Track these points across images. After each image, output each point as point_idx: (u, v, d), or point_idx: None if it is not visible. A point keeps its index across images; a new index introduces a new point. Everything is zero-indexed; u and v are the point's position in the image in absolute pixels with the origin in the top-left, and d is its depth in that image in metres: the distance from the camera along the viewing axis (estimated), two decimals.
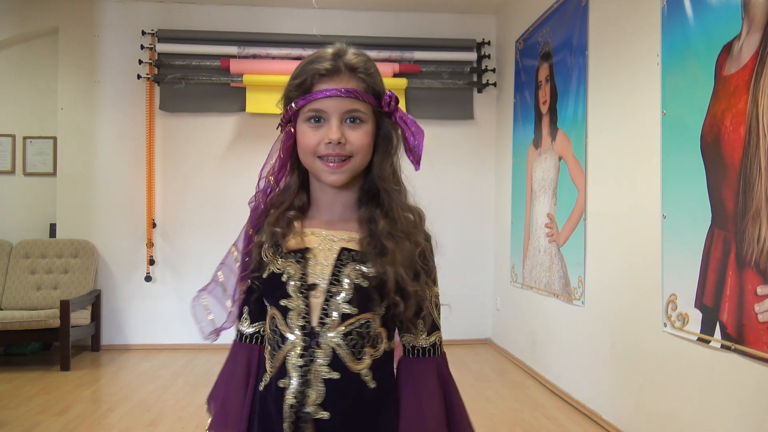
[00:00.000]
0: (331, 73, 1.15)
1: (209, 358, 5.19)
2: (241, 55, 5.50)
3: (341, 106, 1.14)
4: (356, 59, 1.17)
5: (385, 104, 1.18)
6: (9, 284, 5.19)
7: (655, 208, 3.00)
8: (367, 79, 1.16)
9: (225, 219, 5.61)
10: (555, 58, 4.37)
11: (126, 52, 5.57)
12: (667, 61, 2.95)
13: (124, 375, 4.69)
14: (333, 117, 1.14)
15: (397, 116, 1.20)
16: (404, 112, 1.21)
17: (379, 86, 1.19)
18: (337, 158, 1.15)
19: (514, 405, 3.98)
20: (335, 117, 1.14)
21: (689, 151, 2.73)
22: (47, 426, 3.50)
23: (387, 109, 1.19)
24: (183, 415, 3.71)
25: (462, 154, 5.86)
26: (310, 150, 1.16)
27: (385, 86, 1.22)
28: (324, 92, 1.14)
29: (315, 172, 1.19)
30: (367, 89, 1.16)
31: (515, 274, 5.14)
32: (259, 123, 5.62)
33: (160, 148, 5.62)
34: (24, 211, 5.80)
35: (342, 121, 1.14)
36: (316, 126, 1.16)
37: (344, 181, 1.17)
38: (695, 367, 2.70)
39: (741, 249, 2.40)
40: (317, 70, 1.15)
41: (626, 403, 3.31)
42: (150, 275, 5.56)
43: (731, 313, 2.46)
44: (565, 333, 4.14)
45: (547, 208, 4.46)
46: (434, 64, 5.73)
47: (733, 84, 2.47)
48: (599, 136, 3.71)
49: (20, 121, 5.82)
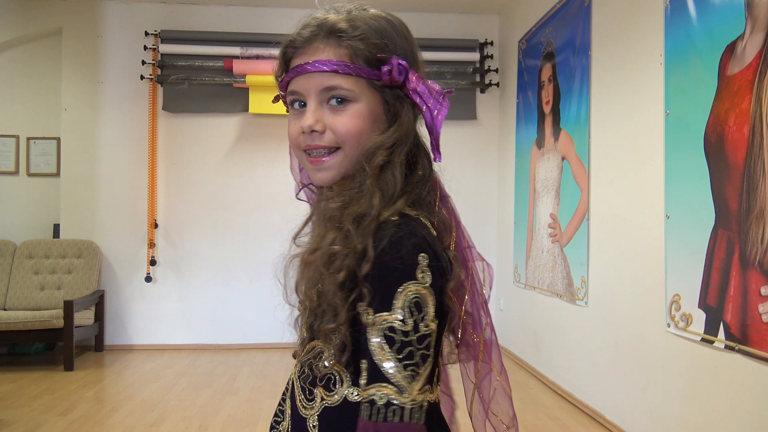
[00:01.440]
0: (306, 43, 0.90)
1: (212, 359, 5.20)
2: (243, 55, 5.51)
3: (314, 85, 0.89)
4: (336, 18, 0.90)
5: (385, 76, 0.89)
6: (13, 284, 5.21)
7: (659, 208, 3.00)
8: (354, 44, 0.88)
9: (227, 220, 5.63)
10: (558, 58, 4.36)
11: (129, 53, 5.58)
12: (670, 60, 2.95)
13: (128, 375, 4.70)
14: (309, 99, 0.90)
15: (409, 88, 0.91)
16: (423, 81, 0.91)
17: (377, 50, 0.89)
18: (318, 151, 0.90)
19: (517, 405, 3.96)
20: (312, 98, 0.89)
21: (692, 150, 2.72)
22: (51, 426, 3.50)
23: (388, 80, 0.89)
24: (186, 415, 3.72)
25: (465, 155, 5.85)
26: (293, 143, 0.93)
27: (406, 48, 0.93)
28: (294, 70, 0.90)
29: (306, 171, 0.96)
30: (355, 57, 0.88)
31: (518, 274, 5.13)
32: (262, 124, 5.63)
33: (163, 149, 5.63)
34: (28, 211, 5.82)
35: (321, 102, 0.89)
36: (298, 112, 0.92)
37: (333, 179, 0.91)
38: (699, 367, 2.70)
39: (745, 249, 2.39)
40: (290, 42, 0.92)
41: (629, 404, 3.30)
42: (150, 276, 5.57)
43: (735, 313, 2.45)
44: (568, 333, 4.13)
45: (550, 208, 4.45)
46: (437, 65, 5.73)
47: (736, 84, 2.47)
48: (602, 136, 3.71)
49: (24, 121, 5.84)
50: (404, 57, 0.91)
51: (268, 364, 5.05)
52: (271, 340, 5.58)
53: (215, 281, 5.61)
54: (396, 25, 0.94)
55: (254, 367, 4.94)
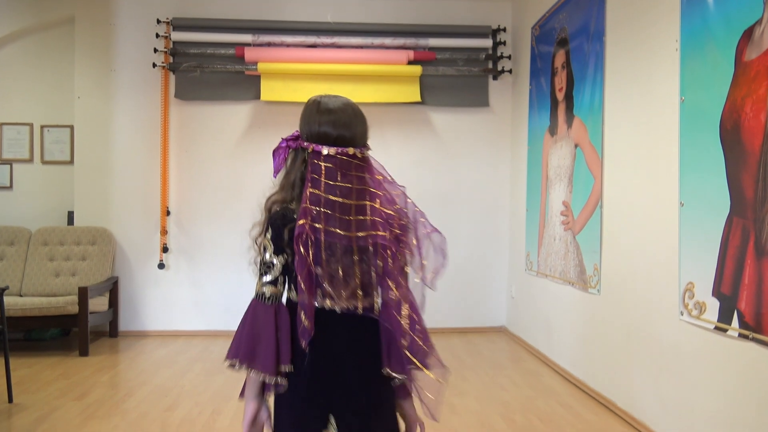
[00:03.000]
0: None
1: (225, 345, 5.21)
2: (255, 43, 5.50)
3: None
4: None
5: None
6: (28, 271, 5.26)
7: (673, 195, 2.97)
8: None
9: (239, 207, 5.65)
10: (572, 45, 4.32)
11: (141, 41, 5.59)
12: (686, 46, 2.91)
13: (142, 360, 4.75)
14: None
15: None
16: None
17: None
18: None
19: (529, 392, 3.99)
20: None
21: (708, 138, 2.70)
22: (67, 410, 3.55)
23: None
24: (200, 401, 3.75)
25: (477, 142, 5.83)
26: None
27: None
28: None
29: None
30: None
31: (530, 262, 5.12)
32: (274, 111, 5.62)
33: (175, 137, 5.65)
34: (42, 198, 5.87)
35: None
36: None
37: None
38: (712, 355, 2.69)
39: (760, 237, 2.37)
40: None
41: (641, 392, 3.30)
42: (163, 263, 5.61)
43: (749, 301, 2.43)
44: (580, 321, 4.12)
45: (562, 195, 4.43)
46: (449, 51, 5.69)
47: (753, 69, 2.43)
48: (616, 123, 3.67)
49: (38, 109, 5.88)
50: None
51: None
52: None
53: (227, 268, 5.64)
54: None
55: None
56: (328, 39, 5.49)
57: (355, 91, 5.49)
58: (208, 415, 3.50)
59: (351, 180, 1.50)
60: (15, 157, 5.87)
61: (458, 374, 4.37)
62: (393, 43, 5.56)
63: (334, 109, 1.55)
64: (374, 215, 1.50)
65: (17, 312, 4.70)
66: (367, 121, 1.59)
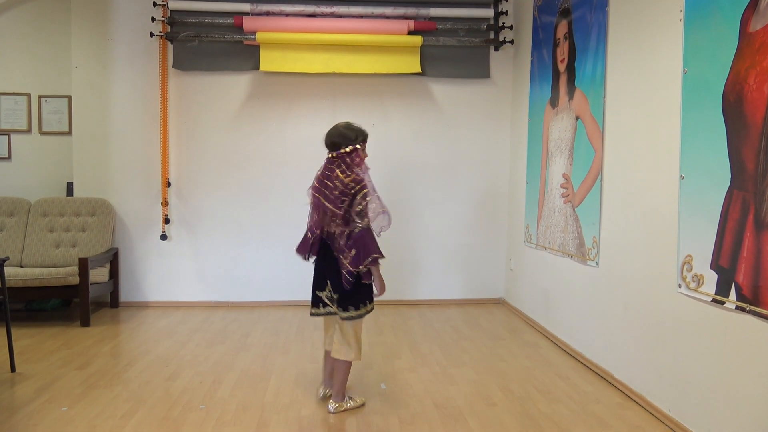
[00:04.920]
0: None
1: (225, 316, 5.27)
2: (254, 12, 5.43)
3: None
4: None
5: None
6: (28, 242, 5.27)
7: (674, 168, 2.96)
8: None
9: (239, 178, 5.64)
10: (574, 15, 4.27)
11: (138, 10, 5.52)
12: (690, 17, 2.87)
13: (143, 331, 4.78)
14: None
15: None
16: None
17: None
18: None
19: (527, 364, 4.02)
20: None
21: (710, 110, 2.68)
22: (69, 379, 3.59)
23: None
24: (201, 370, 3.79)
25: (477, 114, 5.79)
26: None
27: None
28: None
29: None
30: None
31: (529, 234, 5.13)
32: (273, 81, 5.58)
33: (174, 107, 5.61)
34: (41, 169, 5.86)
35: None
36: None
37: None
38: (709, 328, 2.71)
39: (760, 210, 2.37)
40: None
41: (639, 363, 3.33)
42: (165, 234, 5.62)
43: (747, 274, 2.44)
44: (578, 293, 4.14)
45: (563, 168, 4.42)
46: (450, 21, 5.62)
47: (758, 41, 2.40)
48: (618, 96, 3.65)
49: (35, 79, 5.83)
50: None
51: (281, 321, 5.12)
52: (283, 297, 5.64)
53: (228, 239, 5.65)
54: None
55: (267, 324, 5.01)
56: (328, 8, 5.41)
57: (354, 62, 5.44)
58: (209, 385, 3.54)
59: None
60: (13, 127, 5.83)
61: (457, 345, 4.41)
62: (393, 13, 5.48)
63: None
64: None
65: (18, 282, 4.72)
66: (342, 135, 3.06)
